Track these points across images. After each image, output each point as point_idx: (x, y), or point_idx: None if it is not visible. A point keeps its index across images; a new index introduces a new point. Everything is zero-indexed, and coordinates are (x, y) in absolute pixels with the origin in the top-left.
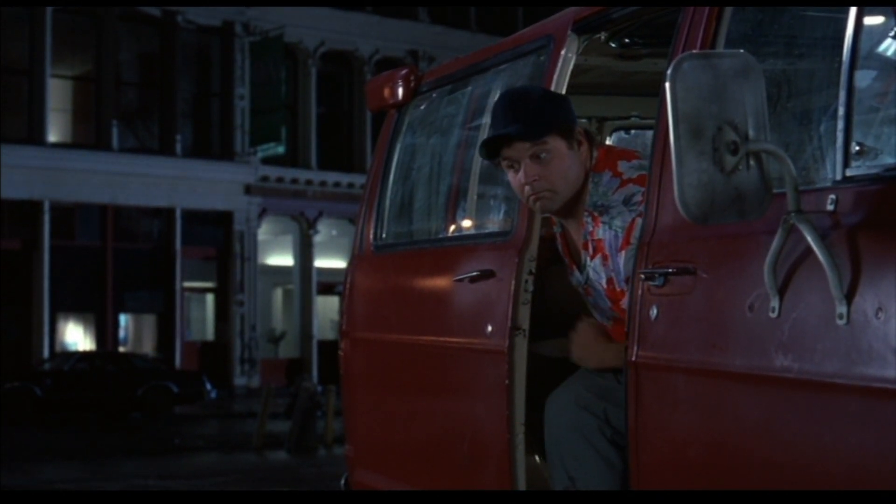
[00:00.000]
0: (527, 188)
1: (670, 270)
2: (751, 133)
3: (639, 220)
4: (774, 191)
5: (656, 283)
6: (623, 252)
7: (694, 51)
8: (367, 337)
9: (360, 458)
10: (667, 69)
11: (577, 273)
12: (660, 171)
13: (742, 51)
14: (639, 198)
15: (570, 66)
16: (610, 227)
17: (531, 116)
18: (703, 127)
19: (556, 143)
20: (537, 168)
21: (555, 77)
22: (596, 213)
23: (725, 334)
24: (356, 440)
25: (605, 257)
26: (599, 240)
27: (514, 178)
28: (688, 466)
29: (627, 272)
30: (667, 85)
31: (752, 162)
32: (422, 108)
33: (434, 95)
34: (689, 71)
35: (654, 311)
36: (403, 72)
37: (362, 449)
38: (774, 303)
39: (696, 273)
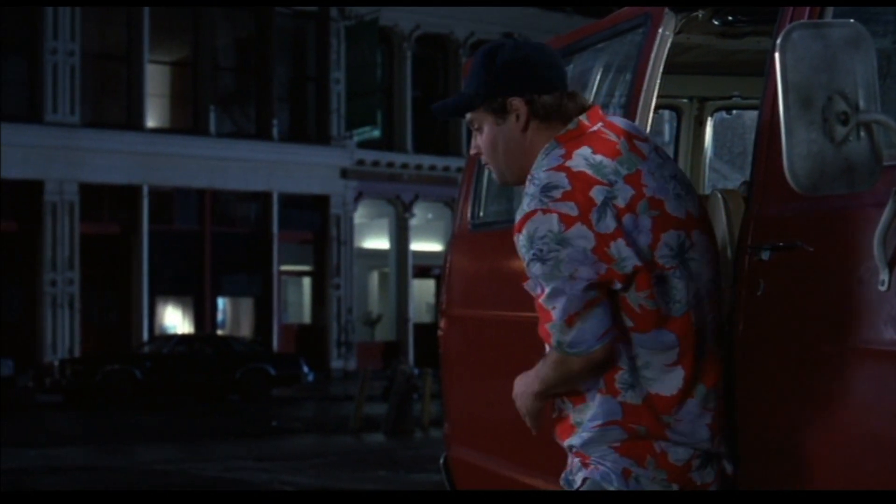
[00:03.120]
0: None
1: (777, 245)
2: (861, 103)
3: (539, 215)
4: (885, 162)
5: (762, 257)
6: (518, 235)
7: (804, 20)
8: (463, 314)
9: (455, 433)
10: (775, 39)
11: None
12: (766, 148)
13: (852, 20)
14: (557, 194)
15: (668, 45)
16: (520, 203)
17: (464, 88)
18: (814, 97)
19: (482, 116)
20: (477, 139)
21: (652, 55)
22: (529, 180)
23: (833, 308)
24: (453, 416)
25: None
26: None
27: None
28: (794, 443)
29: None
30: (776, 55)
31: (862, 133)
32: None
33: None
34: (798, 40)
35: (760, 286)
36: None
37: (458, 424)
38: (884, 276)
39: (803, 247)
